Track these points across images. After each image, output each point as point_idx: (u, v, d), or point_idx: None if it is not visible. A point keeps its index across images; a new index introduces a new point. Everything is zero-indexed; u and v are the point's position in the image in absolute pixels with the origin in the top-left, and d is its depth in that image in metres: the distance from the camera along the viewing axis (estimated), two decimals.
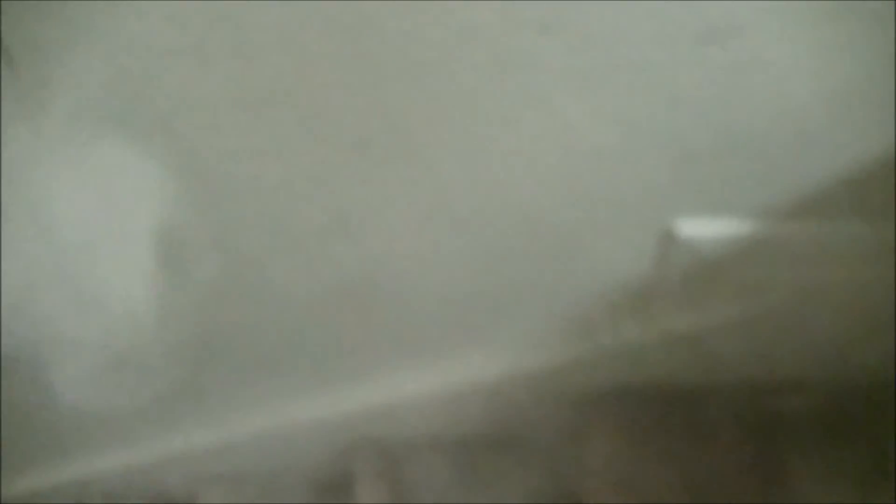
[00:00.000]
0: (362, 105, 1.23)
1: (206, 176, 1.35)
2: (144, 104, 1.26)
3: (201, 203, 1.39)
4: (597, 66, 1.15)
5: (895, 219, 1.38)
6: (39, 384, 1.77)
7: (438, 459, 2.04)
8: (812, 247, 1.42)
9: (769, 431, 1.76)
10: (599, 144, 1.27)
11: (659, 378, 1.79)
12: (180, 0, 1.12)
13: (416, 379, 1.87)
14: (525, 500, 1.94)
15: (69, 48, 1.19)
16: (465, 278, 1.56)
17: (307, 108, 1.24)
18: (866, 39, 1.11)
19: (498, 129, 1.26)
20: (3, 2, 1.14)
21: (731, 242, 1.43)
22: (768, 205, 1.36)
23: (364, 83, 1.19)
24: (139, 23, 1.15)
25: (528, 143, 1.27)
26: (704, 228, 1.41)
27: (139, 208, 1.41)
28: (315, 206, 1.41)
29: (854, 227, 1.39)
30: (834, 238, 1.40)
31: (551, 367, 1.73)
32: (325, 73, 1.18)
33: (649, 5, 1.08)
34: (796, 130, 1.23)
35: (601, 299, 1.58)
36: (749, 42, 1.11)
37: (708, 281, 1.51)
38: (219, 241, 1.46)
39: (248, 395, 2.04)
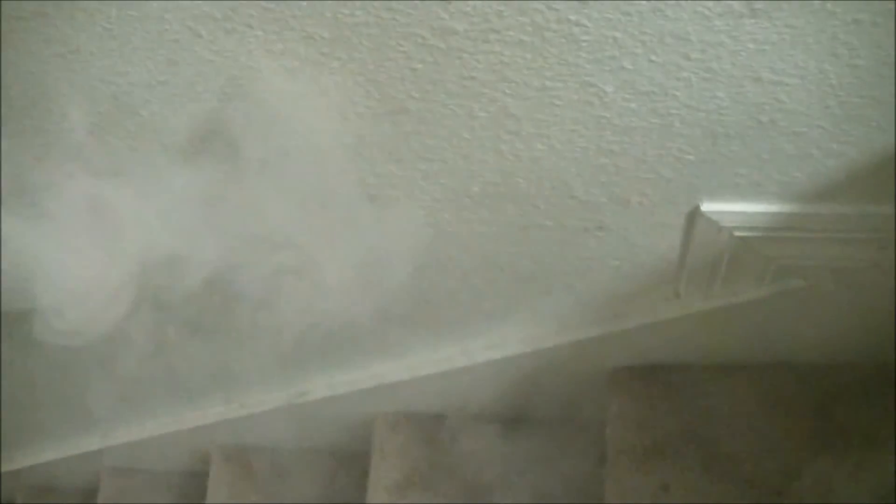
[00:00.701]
0: (395, 74, 1.23)
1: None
2: (176, 71, 1.26)
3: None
4: (633, 39, 1.14)
5: None
6: None
7: (461, 434, 2.04)
8: (841, 229, 1.41)
9: (793, 411, 1.75)
10: (631, 119, 1.26)
11: (683, 356, 1.78)
12: None
13: (438, 355, 1.87)
14: (545, 474, 1.94)
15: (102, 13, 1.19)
16: (491, 253, 1.55)
17: (341, 75, 1.24)
18: None
19: (530, 102, 1.25)
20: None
21: (759, 223, 1.42)
22: (798, 186, 1.36)
23: (398, 51, 1.19)
24: None
25: (560, 116, 1.27)
26: (733, 208, 1.41)
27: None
28: (346, 177, 1.41)
29: (883, 209, 1.38)
30: (864, 221, 1.39)
31: (576, 344, 1.73)
32: (358, 39, 1.18)
33: None
34: (829, 110, 1.22)
35: (627, 277, 1.58)
36: (786, 17, 1.10)
37: (735, 261, 1.50)
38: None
39: (266, 376, 2.04)
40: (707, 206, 1.41)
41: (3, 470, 2.62)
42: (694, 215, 1.43)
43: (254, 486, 2.30)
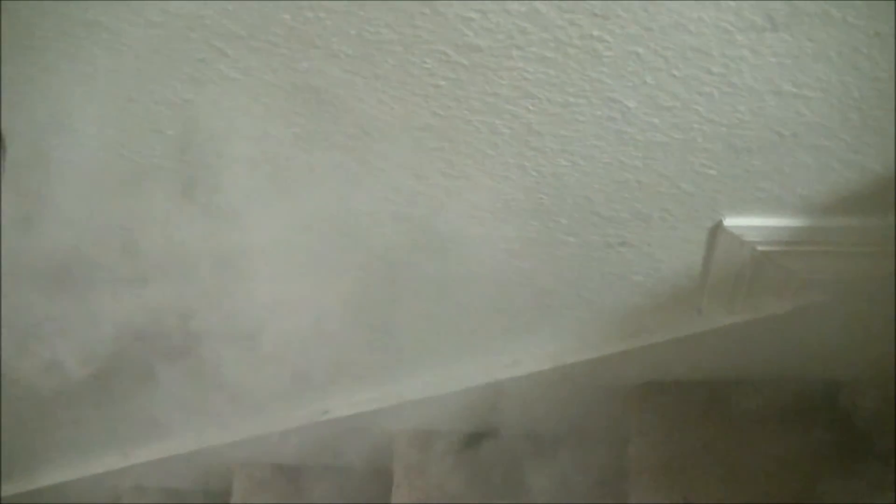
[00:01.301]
0: (418, 91, 1.23)
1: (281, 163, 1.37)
2: (200, 90, 1.27)
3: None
4: (655, 54, 1.15)
5: None
6: None
7: (482, 451, 2.04)
8: (864, 242, 1.41)
9: (815, 426, 1.75)
10: (654, 135, 1.27)
11: (705, 372, 1.78)
12: None
13: (459, 372, 1.87)
14: (565, 490, 1.94)
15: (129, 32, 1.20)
16: (512, 269, 1.56)
17: (365, 92, 1.25)
18: None
19: (553, 118, 1.26)
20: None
21: (781, 237, 1.43)
22: (820, 199, 1.36)
23: (421, 68, 1.20)
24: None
25: (583, 132, 1.27)
26: (755, 222, 1.41)
27: None
28: (368, 194, 1.42)
29: None
30: (886, 233, 1.40)
31: (597, 361, 1.73)
32: (383, 57, 1.19)
33: None
34: (850, 123, 1.23)
35: (649, 293, 1.58)
36: (808, 30, 1.10)
37: (757, 276, 1.50)
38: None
39: (290, 393, 2.05)
40: (729, 221, 1.41)
41: (23, 489, 2.63)
42: (716, 230, 1.43)
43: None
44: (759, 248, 1.44)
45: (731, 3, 1.08)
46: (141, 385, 1.95)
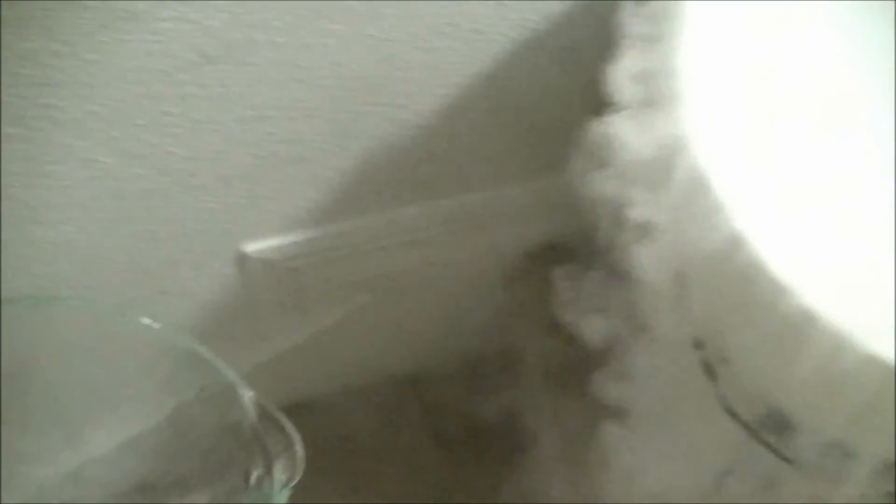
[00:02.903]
0: None
1: None
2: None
3: None
4: (109, 108, 1.17)
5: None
6: None
7: None
8: (374, 237, 1.49)
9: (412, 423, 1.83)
10: (144, 183, 1.29)
11: (305, 392, 1.81)
12: None
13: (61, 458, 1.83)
14: None
15: None
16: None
17: None
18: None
19: (41, 188, 1.26)
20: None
21: (303, 250, 1.48)
22: (323, 207, 1.42)
23: None
24: None
25: (75, 197, 1.27)
26: (274, 243, 1.46)
27: None
28: None
29: (404, 211, 1.48)
30: (390, 226, 1.48)
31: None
32: None
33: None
34: (318, 131, 1.30)
35: (202, 333, 1.59)
36: (243, 56, 1.16)
37: (300, 291, 1.56)
38: None
39: None
40: (250, 247, 1.45)
41: None
42: (242, 259, 1.47)
43: None
44: (288, 265, 1.49)
45: (167, 46, 1.13)
46: None
